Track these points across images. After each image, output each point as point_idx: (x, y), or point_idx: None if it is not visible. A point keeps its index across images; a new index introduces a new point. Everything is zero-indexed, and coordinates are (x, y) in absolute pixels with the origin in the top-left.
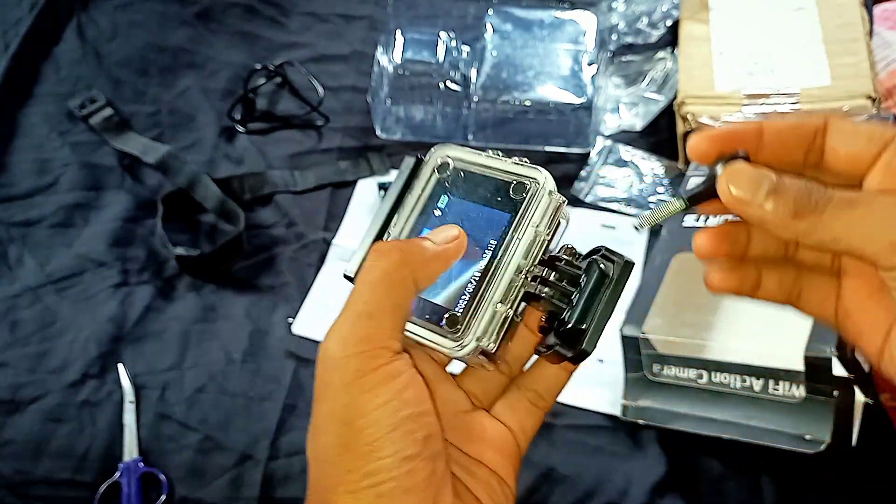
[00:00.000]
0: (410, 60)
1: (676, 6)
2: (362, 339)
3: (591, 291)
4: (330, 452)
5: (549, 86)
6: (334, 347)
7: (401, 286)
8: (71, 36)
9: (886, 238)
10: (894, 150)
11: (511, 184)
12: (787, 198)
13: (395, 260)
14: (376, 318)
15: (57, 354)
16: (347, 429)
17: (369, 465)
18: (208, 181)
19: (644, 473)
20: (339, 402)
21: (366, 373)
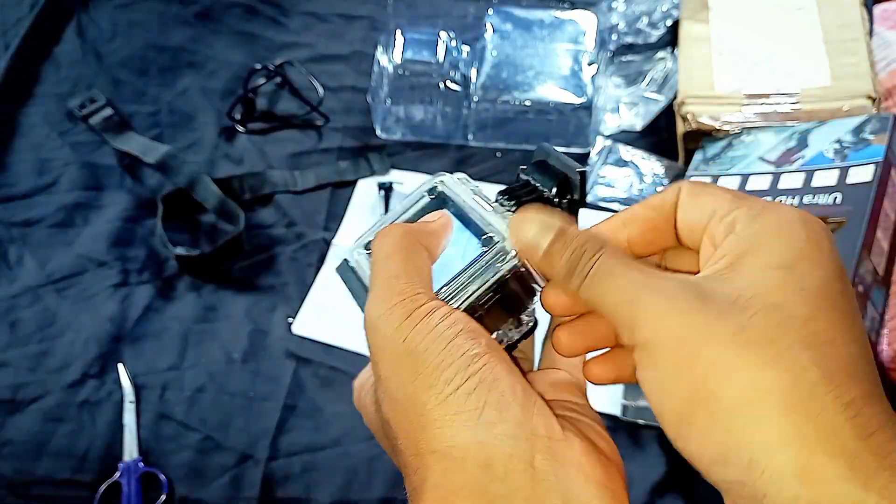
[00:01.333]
0: (410, 60)
1: (676, 6)
2: (399, 292)
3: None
4: (406, 385)
5: (549, 86)
6: (375, 310)
7: (415, 251)
8: (71, 36)
9: (622, 317)
10: (715, 220)
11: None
12: (565, 253)
13: (400, 232)
14: (403, 277)
15: (57, 354)
16: (412, 358)
17: (446, 372)
18: (208, 181)
19: (644, 473)
20: (396, 345)
21: (411, 312)
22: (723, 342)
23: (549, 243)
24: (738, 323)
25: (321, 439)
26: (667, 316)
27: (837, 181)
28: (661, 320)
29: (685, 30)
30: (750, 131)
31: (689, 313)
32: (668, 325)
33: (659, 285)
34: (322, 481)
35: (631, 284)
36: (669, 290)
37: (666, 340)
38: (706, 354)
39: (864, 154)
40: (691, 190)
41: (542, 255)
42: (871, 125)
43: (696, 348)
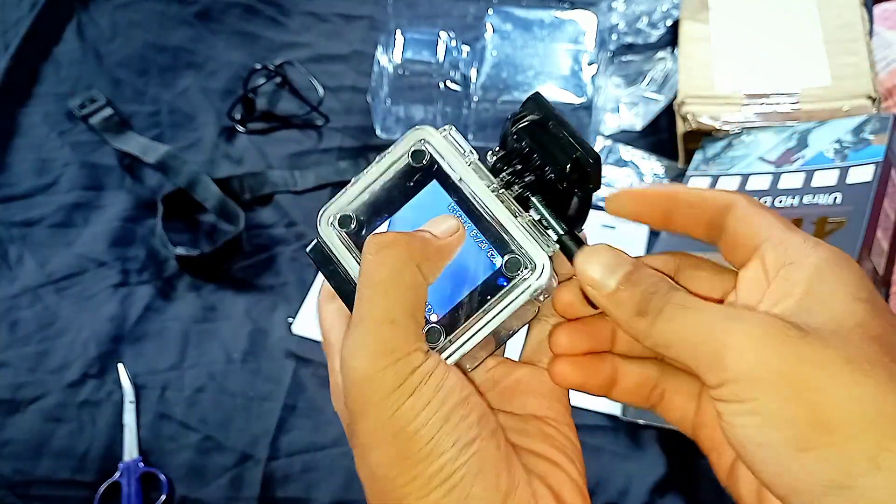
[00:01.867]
0: (410, 60)
1: (676, 6)
2: (392, 349)
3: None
4: (388, 467)
5: (549, 86)
6: (364, 365)
7: (413, 284)
8: (71, 36)
9: (707, 356)
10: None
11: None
12: (636, 293)
13: (402, 255)
14: (399, 324)
15: (57, 354)
16: (399, 438)
17: (433, 466)
18: (208, 181)
19: (644, 473)
20: (383, 415)
21: (403, 380)
22: (836, 369)
23: (618, 283)
24: (847, 351)
25: (321, 439)
26: (768, 347)
27: (837, 181)
28: (761, 352)
29: (685, 30)
30: (750, 131)
31: (791, 343)
32: (771, 356)
33: (748, 318)
34: (322, 481)
35: (716, 319)
36: (762, 322)
37: (771, 372)
38: (820, 383)
39: (864, 154)
40: (749, 207)
41: (609, 294)
42: (871, 125)
43: (806, 377)
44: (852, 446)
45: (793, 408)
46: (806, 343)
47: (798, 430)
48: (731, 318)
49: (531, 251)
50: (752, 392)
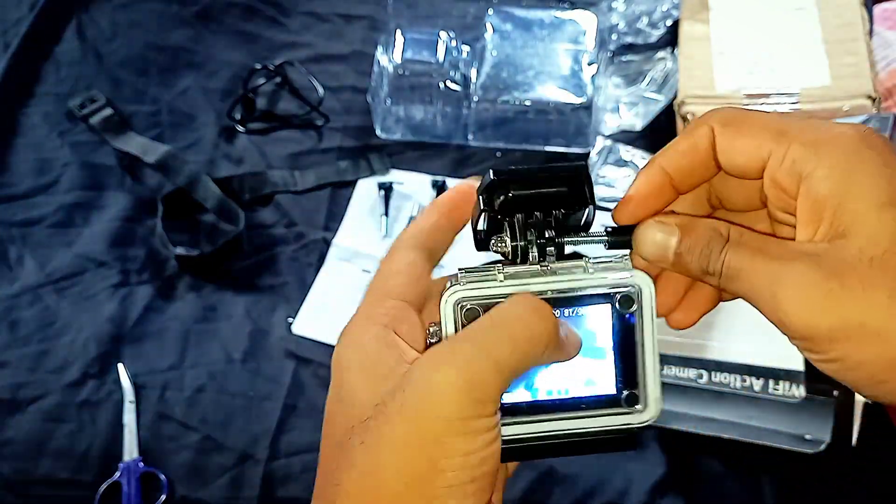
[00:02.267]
0: (410, 60)
1: (676, 6)
2: (482, 382)
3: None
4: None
5: (549, 86)
6: (446, 377)
7: (535, 355)
8: (71, 36)
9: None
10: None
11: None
12: (693, 260)
13: (546, 330)
14: (502, 373)
15: (57, 354)
16: (426, 462)
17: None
18: (208, 181)
19: (644, 473)
20: (426, 431)
21: (469, 417)
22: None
23: (675, 251)
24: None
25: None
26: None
27: None
28: (811, 316)
29: (685, 30)
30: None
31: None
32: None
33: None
34: None
35: (766, 279)
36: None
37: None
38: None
39: None
40: (726, 131)
41: (673, 263)
42: (871, 125)
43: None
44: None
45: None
46: (848, 295)
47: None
48: (777, 278)
49: (652, 397)
50: (816, 346)
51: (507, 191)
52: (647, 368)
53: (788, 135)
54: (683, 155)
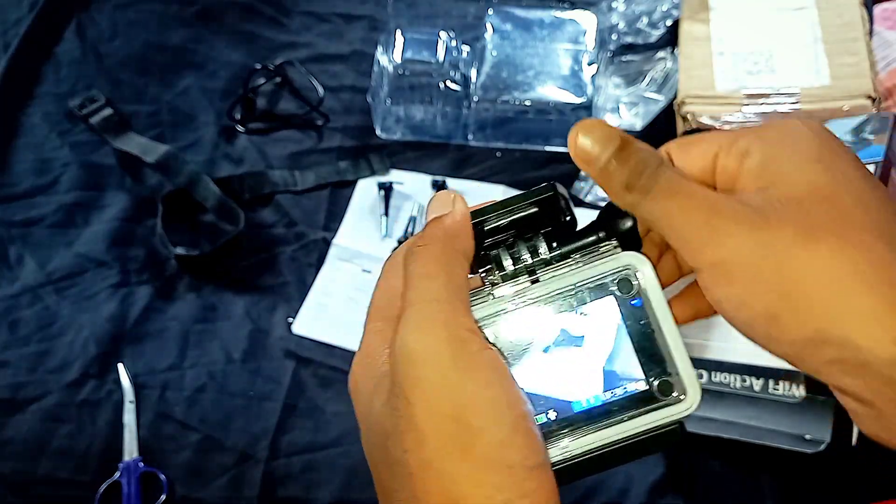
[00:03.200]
0: (410, 60)
1: (676, 6)
2: (444, 322)
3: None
4: (446, 460)
5: (549, 85)
6: (416, 339)
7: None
8: (71, 36)
9: (685, 241)
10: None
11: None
12: (626, 167)
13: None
14: (447, 301)
15: (57, 354)
16: (460, 427)
17: (498, 477)
18: (208, 181)
19: (644, 473)
20: (441, 397)
21: (464, 360)
22: (795, 244)
23: (609, 154)
24: (803, 224)
25: (321, 439)
26: (738, 235)
27: None
28: (733, 239)
29: (685, 30)
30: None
31: (757, 228)
32: (742, 243)
33: (722, 206)
34: (322, 481)
35: (698, 205)
36: (732, 210)
37: (742, 256)
38: (783, 259)
39: (864, 154)
40: (680, 144)
41: (602, 166)
42: (871, 125)
43: (772, 257)
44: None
45: (766, 286)
46: (767, 227)
47: (771, 306)
48: (712, 208)
49: (687, 380)
50: (731, 276)
51: (482, 225)
52: (672, 350)
53: (736, 132)
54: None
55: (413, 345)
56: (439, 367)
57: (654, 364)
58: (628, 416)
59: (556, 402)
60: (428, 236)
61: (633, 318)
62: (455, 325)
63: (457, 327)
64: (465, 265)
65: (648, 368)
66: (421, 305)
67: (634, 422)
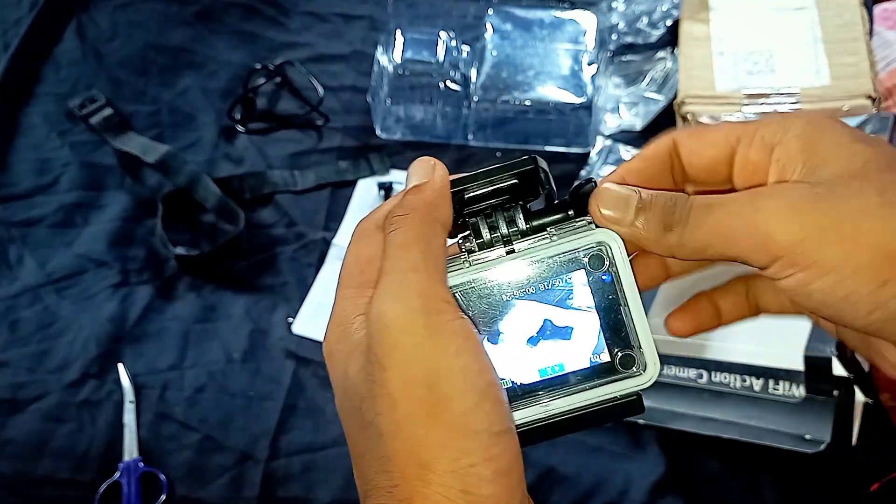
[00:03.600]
0: (410, 60)
1: (676, 6)
2: (420, 292)
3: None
4: (415, 424)
5: (549, 86)
6: (392, 308)
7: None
8: (71, 36)
9: (748, 239)
10: (744, 147)
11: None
12: (655, 213)
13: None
14: (423, 271)
15: (57, 354)
16: (431, 394)
17: (465, 442)
18: (208, 181)
19: (644, 473)
20: (414, 364)
21: (437, 329)
22: (873, 208)
23: (634, 209)
24: (874, 187)
25: (321, 439)
26: (804, 211)
27: None
28: (799, 217)
29: (685, 30)
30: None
31: (822, 199)
32: (810, 217)
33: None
34: (322, 481)
35: (742, 205)
36: (786, 190)
37: (818, 231)
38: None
39: None
40: (691, 133)
41: (631, 221)
42: (871, 125)
43: (852, 225)
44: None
45: (855, 254)
46: (835, 194)
47: (872, 270)
48: (756, 198)
49: (648, 355)
50: (811, 256)
51: (462, 194)
52: (637, 326)
53: (755, 122)
54: (644, 161)
55: (389, 313)
56: (413, 336)
57: (617, 337)
58: (590, 385)
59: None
60: (407, 205)
61: (601, 292)
62: (430, 295)
63: (432, 297)
64: (442, 235)
65: (612, 341)
66: (397, 275)
67: (595, 391)
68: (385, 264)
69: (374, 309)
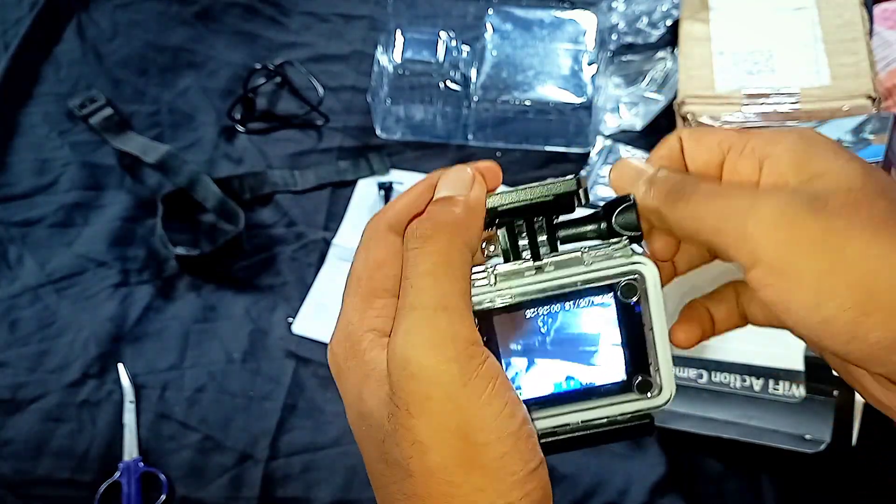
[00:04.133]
0: (410, 60)
1: (676, 6)
2: (452, 338)
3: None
4: (450, 472)
5: (549, 85)
6: (422, 356)
7: (461, 264)
8: (71, 36)
9: (735, 233)
10: (734, 155)
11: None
12: (665, 184)
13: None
14: (453, 310)
15: (57, 354)
16: (466, 444)
17: (501, 484)
18: (208, 181)
19: (644, 473)
20: (446, 416)
21: (470, 378)
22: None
23: (651, 176)
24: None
25: (321, 439)
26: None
27: None
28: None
29: (685, 30)
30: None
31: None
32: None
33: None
34: (322, 481)
35: (741, 201)
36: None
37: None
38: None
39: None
40: (692, 135)
41: (645, 185)
42: (871, 125)
43: (848, 248)
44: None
45: (837, 274)
46: (827, 210)
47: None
48: (755, 197)
49: (665, 380)
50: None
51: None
52: (659, 354)
53: (746, 132)
54: (662, 158)
55: (419, 361)
56: (445, 386)
57: (638, 360)
58: (603, 403)
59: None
60: (435, 219)
61: (628, 319)
62: (461, 340)
63: (463, 342)
64: (470, 262)
65: (632, 365)
66: (426, 312)
67: (607, 409)
68: (409, 296)
69: (399, 351)
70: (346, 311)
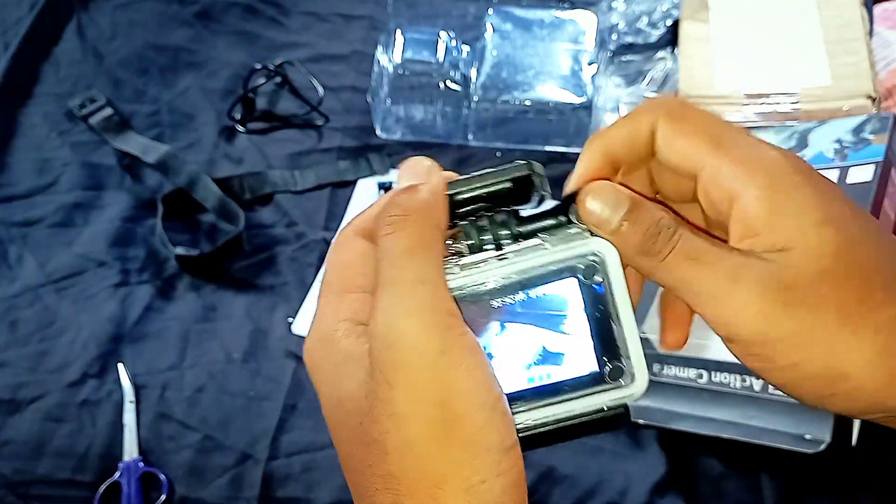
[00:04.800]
0: (410, 60)
1: (676, 6)
2: (432, 308)
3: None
4: (427, 443)
5: (549, 85)
6: (404, 324)
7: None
8: (71, 36)
9: (713, 311)
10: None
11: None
12: (638, 230)
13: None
14: (431, 282)
15: (57, 354)
16: (444, 413)
17: (478, 459)
18: (208, 181)
19: (644, 473)
20: (425, 384)
21: (450, 347)
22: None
23: (620, 217)
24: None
25: (321, 439)
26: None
27: (837, 181)
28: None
29: (685, 30)
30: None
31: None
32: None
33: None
34: (322, 481)
35: (723, 274)
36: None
37: (783, 335)
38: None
39: (864, 154)
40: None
41: (613, 229)
42: (871, 125)
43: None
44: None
45: (808, 364)
46: (798, 300)
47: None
48: (731, 278)
49: (637, 368)
50: (768, 352)
51: (455, 196)
52: (627, 338)
53: (722, 147)
54: (623, 143)
55: (400, 329)
56: (426, 354)
57: (607, 348)
58: (577, 395)
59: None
60: (403, 205)
61: (594, 303)
62: (440, 310)
63: (442, 312)
64: (441, 241)
65: (602, 352)
66: (404, 286)
67: (582, 401)
68: (386, 272)
69: (381, 323)
70: (320, 309)
